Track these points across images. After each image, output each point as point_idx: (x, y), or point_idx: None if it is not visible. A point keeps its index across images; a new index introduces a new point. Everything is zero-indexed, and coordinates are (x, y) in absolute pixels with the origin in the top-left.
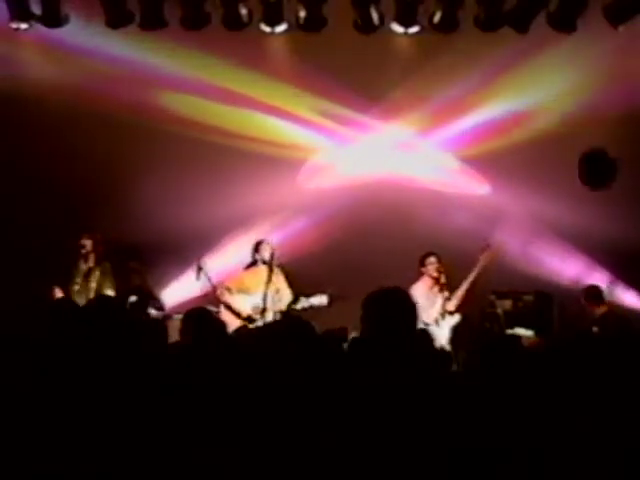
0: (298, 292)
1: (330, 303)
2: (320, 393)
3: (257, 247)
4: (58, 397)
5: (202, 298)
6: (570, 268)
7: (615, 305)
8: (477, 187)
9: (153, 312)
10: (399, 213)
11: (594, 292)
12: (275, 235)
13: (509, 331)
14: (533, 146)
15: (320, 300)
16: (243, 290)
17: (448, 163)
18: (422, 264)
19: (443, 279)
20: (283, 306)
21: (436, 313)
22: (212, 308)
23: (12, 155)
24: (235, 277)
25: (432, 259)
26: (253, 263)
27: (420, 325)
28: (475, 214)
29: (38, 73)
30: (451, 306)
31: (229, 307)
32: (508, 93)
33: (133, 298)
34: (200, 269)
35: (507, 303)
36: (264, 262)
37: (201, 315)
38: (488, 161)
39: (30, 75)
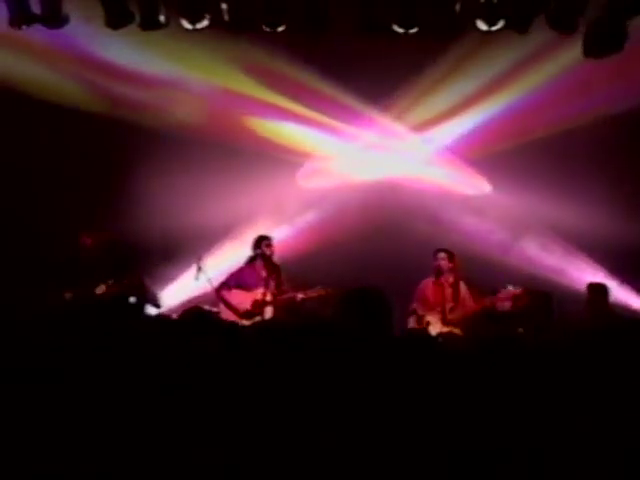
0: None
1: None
2: (318, 391)
3: (259, 242)
4: (58, 397)
5: (202, 298)
6: (571, 268)
7: (618, 305)
8: (478, 187)
9: (152, 311)
10: (400, 212)
11: (596, 290)
12: (276, 234)
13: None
14: (534, 146)
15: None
16: (242, 286)
17: (448, 163)
18: (434, 258)
19: (449, 278)
20: (282, 300)
21: (438, 314)
22: (212, 308)
23: (12, 155)
24: (234, 273)
25: (441, 254)
26: (253, 258)
27: (421, 320)
28: (476, 213)
29: (38, 73)
30: (451, 316)
31: (228, 304)
32: (508, 93)
33: (133, 299)
34: (200, 269)
35: (507, 303)
36: (264, 257)
37: (198, 315)
38: (489, 161)
39: (30, 75)
